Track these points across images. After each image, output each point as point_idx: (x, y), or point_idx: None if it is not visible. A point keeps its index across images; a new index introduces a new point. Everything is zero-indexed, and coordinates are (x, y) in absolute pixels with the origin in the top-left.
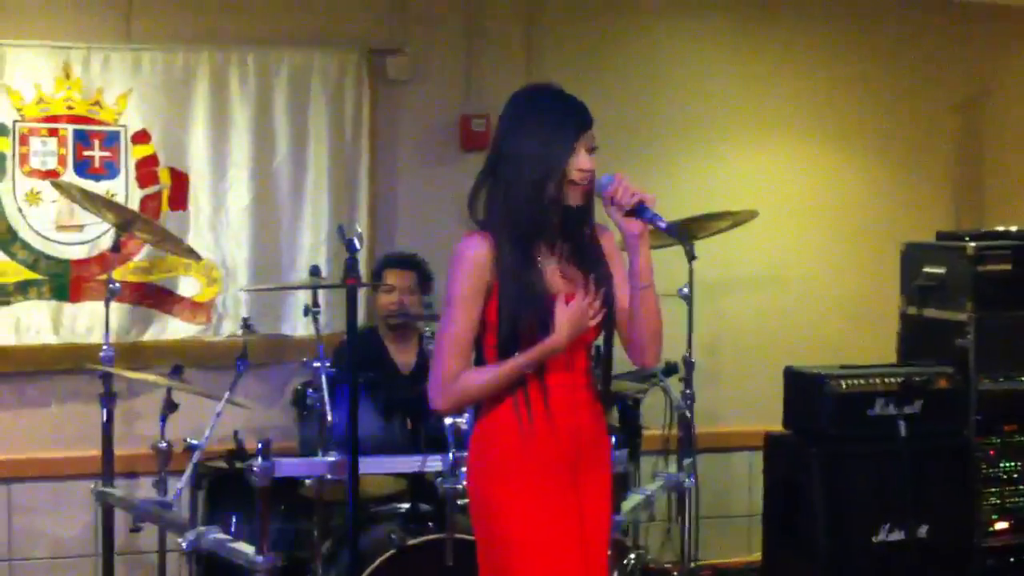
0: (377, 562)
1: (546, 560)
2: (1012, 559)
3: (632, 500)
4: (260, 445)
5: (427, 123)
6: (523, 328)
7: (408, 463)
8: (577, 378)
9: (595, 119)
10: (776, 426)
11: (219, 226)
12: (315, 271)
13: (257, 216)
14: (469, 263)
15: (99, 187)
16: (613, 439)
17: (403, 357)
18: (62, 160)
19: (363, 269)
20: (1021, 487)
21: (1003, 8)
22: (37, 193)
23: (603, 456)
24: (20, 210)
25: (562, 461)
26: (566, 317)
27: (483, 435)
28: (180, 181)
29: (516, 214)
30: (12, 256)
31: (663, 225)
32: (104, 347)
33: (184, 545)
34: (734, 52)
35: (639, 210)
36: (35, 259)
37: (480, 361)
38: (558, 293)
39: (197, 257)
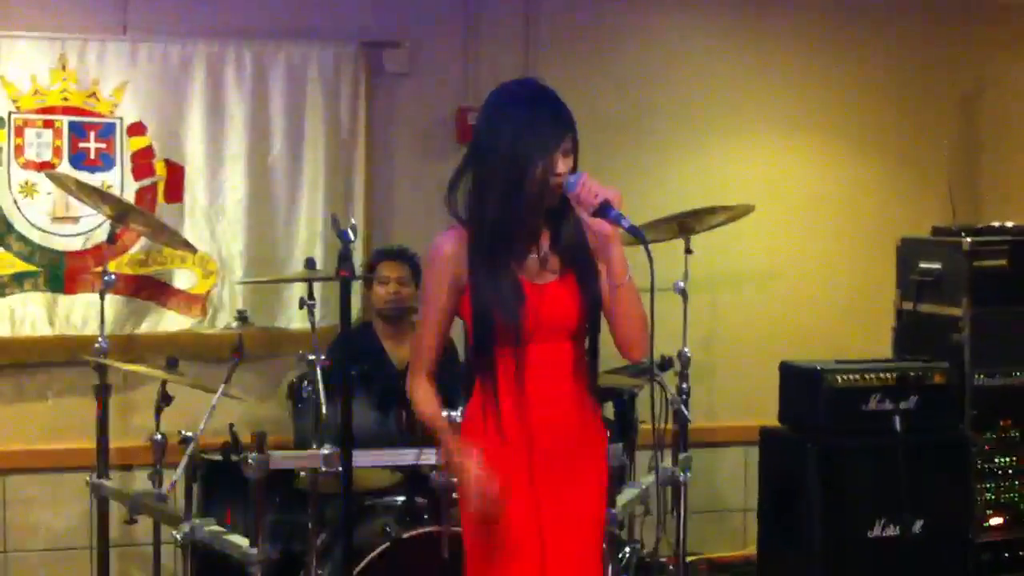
0: (372, 555)
1: (525, 550)
2: (1007, 554)
3: (627, 494)
4: (255, 437)
5: (424, 116)
6: (492, 324)
7: (403, 456)
8: (561, 372)
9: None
10: (771, 421)
11: (215, 218)
12: (310, 264)
13: (253, 209)
14: (438, 261)
15: (95, 179)
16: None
17: (398, 352)
18: (57, 152)
19: (358, 261)
20: (1016, 482)
21: (1001, 5)
22: (32, 185)
23: (593, 450)
24: (15, 202)
25: (539, 455)
26: (468, 479)
27: (465, 428)
28: (176, 173)
29: (490, 213)
30: (7, 248)
31: (625, 224)
32: (99, 339)
33: (179, 537)
34: (731, 47)
35: (604, 210)
36: (30, 251)
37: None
38: (536, 285)
39: (193, 249)
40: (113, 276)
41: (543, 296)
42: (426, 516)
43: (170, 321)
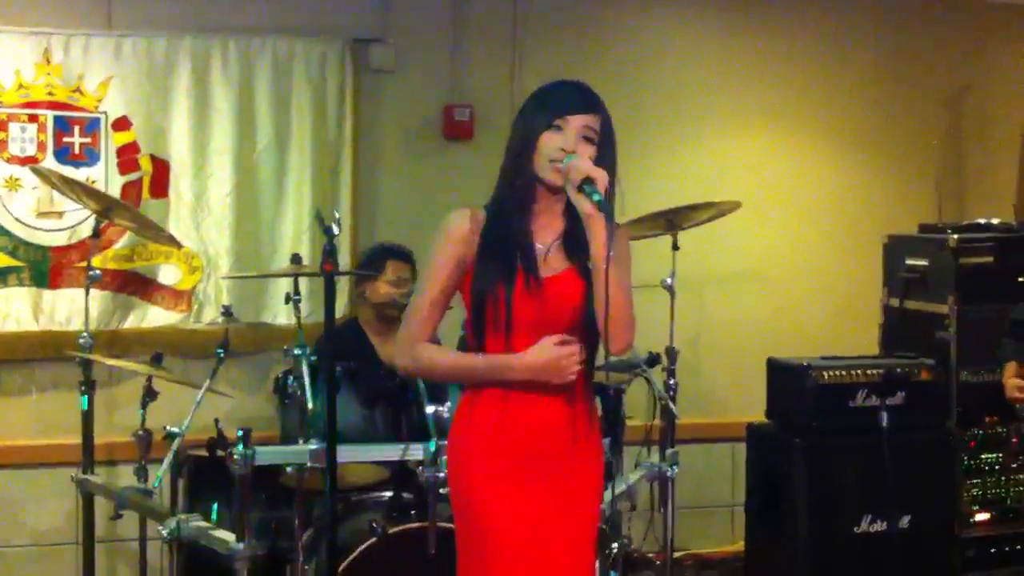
0: (358, 551)
1: (512, 549)
2: (993, 549)
3: (614, 490)
4: (240, 433)
5: (410, 113)
6: (484, 311)
7: (390, 452)
8: None
9: None
10: (759, 417)
11: (200, 214)
12: (296, 259)
13: (239, 204)
14: (446, 233)
15: (79, 174)
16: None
17: (385, 348)
18: (42, 146)
19: (345, 257)
20: (1002, 478)
21: (986, 2)
22: (17, 180)
23: (586, 449)
24: None
25: (525, 450)
26: (540, 362)
27: (455, 424)
28: (161, 168)
29: (501, 191)
30: None
31: (595, 198)
32: (84, 334)
33: (165, 533)
34: (719, 44)
35: (583, 186)
36: (14, 246)
37: (464, 338)
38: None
39: (178, 245)
40: (98, 271)
41: (542, 289)
42: (413, 512)
43: (155, 316)
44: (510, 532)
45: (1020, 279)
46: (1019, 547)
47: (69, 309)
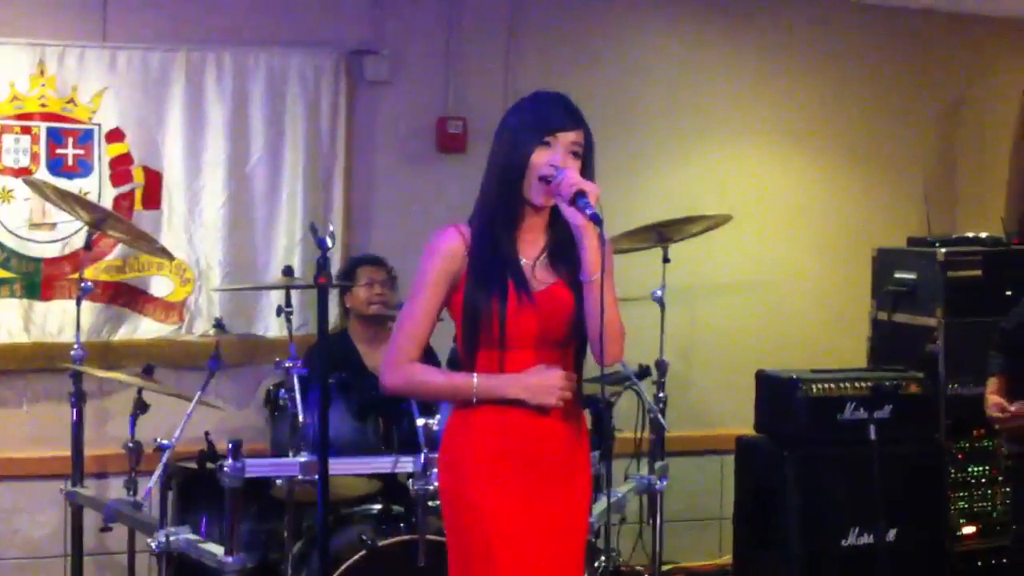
0: (348, 563)
1: (516, 555)
2: (980, 563)
3: (604, 502)
4: (230, 445)
5: (404, 125)
6: (477, 327)
7: (380, 464)
8: None
9: None
10: (748, 429)
11: (193, 226)
12: (288, 271)
13: (231, 216)
14: (437, 251)
15: (72, 185)
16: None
17: (374, 358)
18: (35, 158)
19: (337, 270)
20: (989, 491)
21: (978, 18)
22: (10, 191)
23: (577, 461)
24: None
25: (520, 463)
26: (533, 382)
27: (448, 431)
28: (154, 180)
29: (487, 208)
30: None
31: (588, 212)
32: (75, 346)
33: (154, 546)
34: (713, 58)
35: (575, 199)
36: (6, 257)
37: (455, 350)
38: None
39: (170, 256)
40: (90, 283)
41: (535, 304)
42: (403, 524)
43: (147, 328)
44: (513, 540)
45: (1008, 292)
46: (1006, 560)
47: (61, 321)
